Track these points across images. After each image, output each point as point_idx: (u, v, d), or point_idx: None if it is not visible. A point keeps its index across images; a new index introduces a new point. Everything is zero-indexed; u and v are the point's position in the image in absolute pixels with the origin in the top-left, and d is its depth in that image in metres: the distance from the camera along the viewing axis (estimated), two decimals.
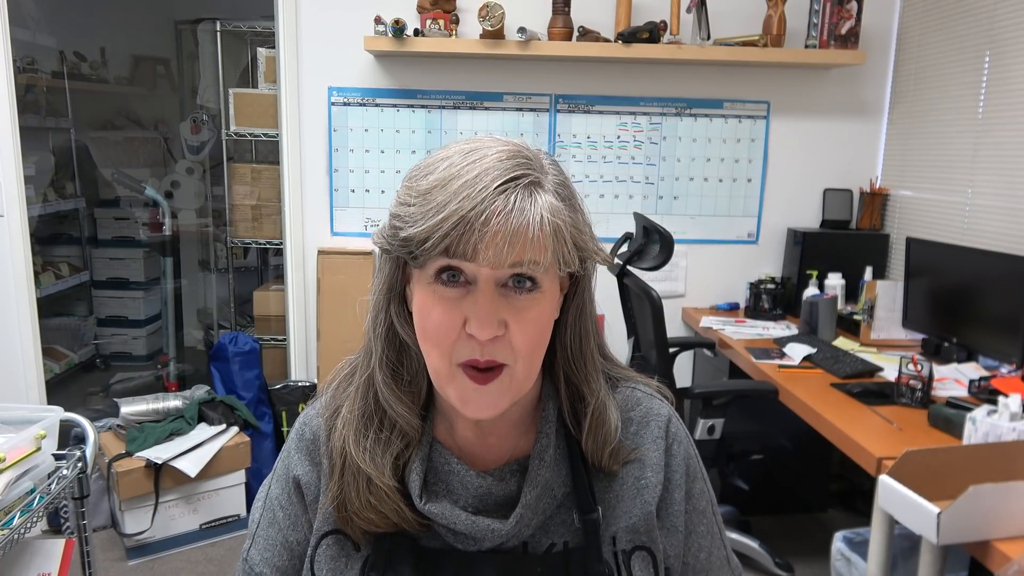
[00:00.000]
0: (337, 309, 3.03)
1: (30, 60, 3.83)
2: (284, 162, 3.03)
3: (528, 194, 0.66)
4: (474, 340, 0.68)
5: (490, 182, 0.65)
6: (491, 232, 0.64)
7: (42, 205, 3.81)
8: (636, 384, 0.84)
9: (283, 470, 0.82)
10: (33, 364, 2.69)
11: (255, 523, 0.83)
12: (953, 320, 2.47)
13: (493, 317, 0.67)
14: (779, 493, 2.96)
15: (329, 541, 0.77)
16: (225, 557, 2.65)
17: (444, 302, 0.68)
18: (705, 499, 0.83)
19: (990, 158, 2.59)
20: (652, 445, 0.80)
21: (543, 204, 0.66)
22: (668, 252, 2.32)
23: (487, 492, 0.76)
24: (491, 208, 0.64)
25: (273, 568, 0.80)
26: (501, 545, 0.75)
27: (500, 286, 0.68)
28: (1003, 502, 1.39)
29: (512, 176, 0.66)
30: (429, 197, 0.66)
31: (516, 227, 0.64)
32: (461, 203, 0.64)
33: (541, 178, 0.68)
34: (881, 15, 3.07)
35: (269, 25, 3.10)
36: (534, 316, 0.69)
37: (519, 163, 0.67)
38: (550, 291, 0.71)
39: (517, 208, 0.65)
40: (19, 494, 1.45)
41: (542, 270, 0.67)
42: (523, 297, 0.68)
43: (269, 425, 2.98)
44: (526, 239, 0.65)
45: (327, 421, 0.79)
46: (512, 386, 0.71)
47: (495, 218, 0.64)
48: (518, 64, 3.00)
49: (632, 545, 0.77)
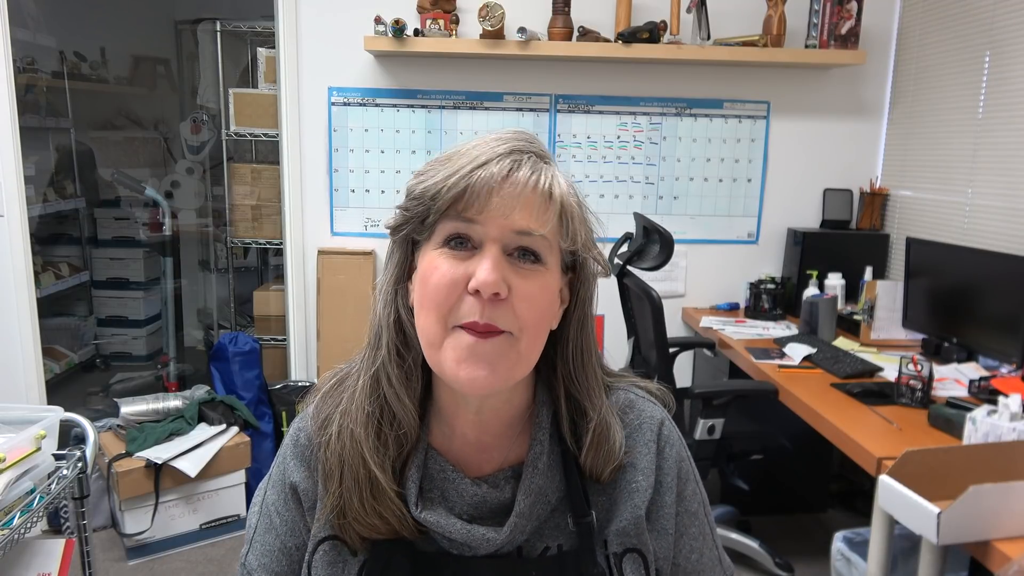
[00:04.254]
0: (337, 309, 3.03)
1: (30, 60, 3.83)
2: (284, 162, 3.03)
3: (538, 164, 0.71)
4: (475, 301, 0.68)
5: (504, 149, 0.70)
6: (500, 184, 0.68)
7: (42, 205, 3.81)
8: (630, 387, 0.85)
9: (279, 476, 0.83)
10: (33, 364, 2.69)
11: (252, 528, 0.84)
12: (953, 320, 2.47)
13: (499, 271, 0.68)
14: (779, 493, 2.96)
15: (326, 547, 0.78)
16: (225, 557, 2.65)
17: (449, 260, 0.70)
18: (697, 501, 0.83)
19: (990, 158, 2.59)
20: (644, 449, 0.80)
21: (553, 174, 0.72)
22: (668, 252, 2.32)
23: (482, 500, 0.76)
24: (504, 164, 0.69)
25: (271, 573, 0.81)
26: (496, 552, 0.76)
27: (506, 255, 0.70)
28: (1003, 502, 1.39)
29: (524, 149, 0.72)
30: (446, 161, 0.71)
31: (526, 187, 0.69)
32: (476, 157, 0.69)
33: (551, 160, 0.74)
34: (881, 15, 3.07)
35: (269, 25, 3.10)
36: (537, 288, 0.71)
37: (530, 143, 0.73)
38: (553, 275, 0.73)
39: (528, 171, 0.70)
40: (19, 494, 1.45)
41: (547, 230, 0.70)
42: (528, 267, 0.71)
43: (269, 425, 2.98)
44: (533, 199, 0.69)
45: (318, 431, 0.79)
46: (511, 354, 0.70)
47: (507, 171, 0.69)
48: (518, 64, 3.00)
49: (623, 548, 0.78)
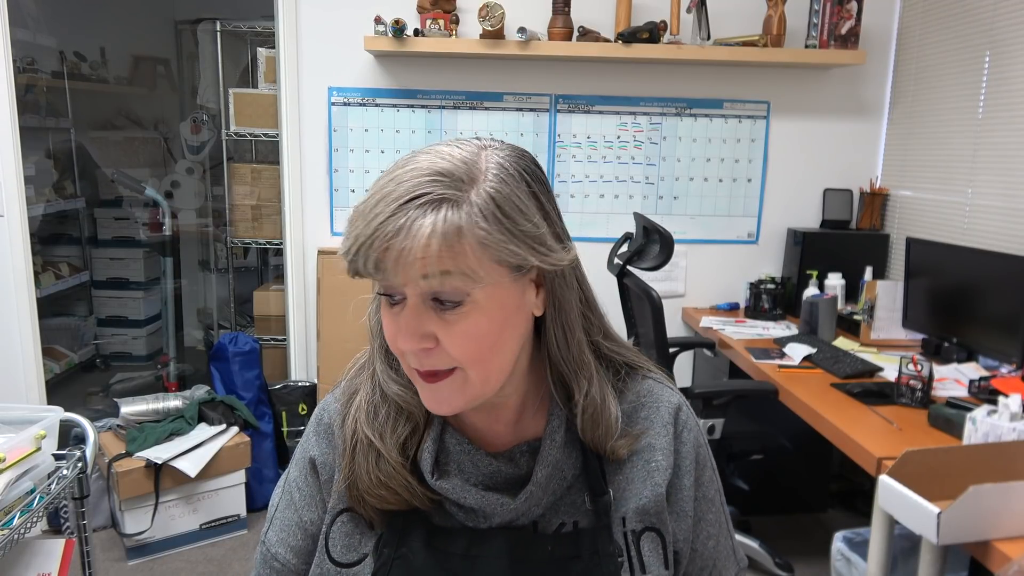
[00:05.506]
0: (337, 309, 3.03)
1: (30, 60, 3.83)
2: (284, 162, 3.03)
3: (424, 212, 0.65)
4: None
5: (392, 201, 0.66)
6: (384, 250, 0.66)
7: (42, 205, 3.81)
8: (649, 373, 0.86)
9: (300, 453, 0.86)
10: (33, 364, 2.69)
11: (274, 507, 0.86)
12: (953, 320, 2.47)
13: (415, 331, 0.69)
14: (779, 493, 2.96)
15: (344, 519, 0.80)
16: (225, 557, 2.65)
17: (387, 316, 0.72)
18: (714, 488, 0.85)
19: (990, 158, 2.59)
20: (662, 430, 0.81)
21: (437, 219, 0.65)
22: (668, 252, 2.32)
23: (497, 471, 0.78)
24: (383, 230, 0.65)
25: (288, 548, 0.83)
26: (511, 522, 0.77)
27: (433, 300, 0.69)
28: (1003, 502, 1.39)
29: (416, 195, 0.66)
30: (352, 220, 0.69)
31: (402, 246, 0.65)
32: (363, 228, 0.66)
33: (456, 195, 0.67)
34: (881, 15, 3.07)
35: (269, 25, 3.11)
36: (464, 329, 0.69)
37: (434, 180, 0.67)
38: (490, 299, 0.69)
39: (406, 227, 0.65)
40: (19, 494, 1.45)
41: (456, 272, 0.66)
42: (450, 312, 0.69)
43: (269, 425, 2.98)
44: (431, 249, 0.65)
45: (343, 406, 0.83)
46: (467, 388, 0.72)
47: (382, 240, 0.65)
48: (518, 64, 3.00)
49: (642, 526, 0.79)
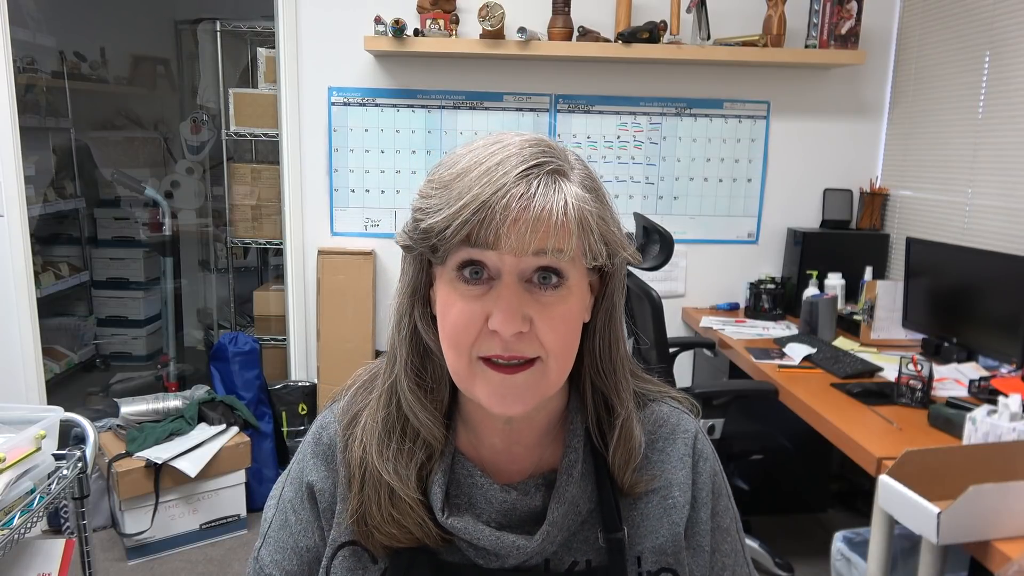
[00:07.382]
0: (337, 309, 3.03)
1: (30, 60, 3.83)
2: (284, 162, 3.03)
3: (551, 180, 0.64)
4: (497, 337, 0.65)
5: (512, 168, 0.63)
6: (512, 217, 0.62)
7: (42, 205, 3.81)
8: (663, 400, 0.82)
9: (297, 473, 0.81)
10: (33, 364, 2.69)
11: (267, 522, 0.82)
12: (953, 320, 2.47)
13: (517, 311, 0.64)
14: (779, 493, 2.96)
15: (346, 552, 0.75)
16: (225, 557, 2.65)
17: (465, 299, 0.66)
18: (729, 516, 0.81)
19: (990, 158, 2.59)
20: (679, 463, 0.78)
21: (567, 191, 0.65)
22: (668, 252, 2.32)
23: (511, 507, 0.73)
24: (512, 192, 0.62)
25: (283, 571, 0.79)
26: (523, 562, 0.72)
27: (525, 281, 0.65)
28: (1003, 502, 1.39)
29: (536, 163, 0.64)
30: (450, 187, 0.65)
31: (539, 211, 0.62)
32: (482, 188, 0.62)
33: (565, 167, 0.67)
34: (881, 15, 3.07)
35: (269, 25, 3.10)
36: (562, 312, 0.66)
37: (543, 151, 0.66)
38: (578, 288, 0.68)
39: (540, 193, 0.63)
40: (19, 494, 1.45)
41: (567, 258, 0.65)
42: (549, 293, 0.66)
43: (269, 425, 2.98)
44: (549, 225, 0.63)
45: (344, 429, 0.77)
46: (543, 382, 0.68)
47: (516, 202, 0.62)
48: (518, 64, 3.00)
49: (658, 567, 0.75)
